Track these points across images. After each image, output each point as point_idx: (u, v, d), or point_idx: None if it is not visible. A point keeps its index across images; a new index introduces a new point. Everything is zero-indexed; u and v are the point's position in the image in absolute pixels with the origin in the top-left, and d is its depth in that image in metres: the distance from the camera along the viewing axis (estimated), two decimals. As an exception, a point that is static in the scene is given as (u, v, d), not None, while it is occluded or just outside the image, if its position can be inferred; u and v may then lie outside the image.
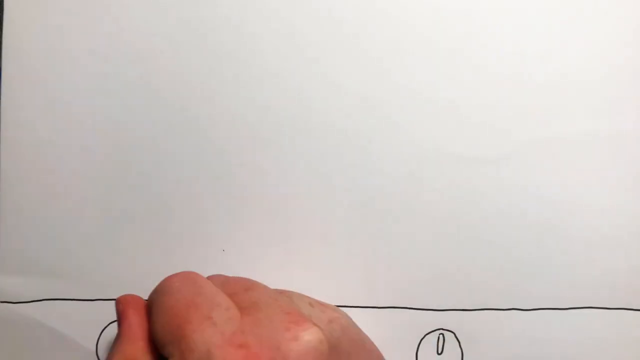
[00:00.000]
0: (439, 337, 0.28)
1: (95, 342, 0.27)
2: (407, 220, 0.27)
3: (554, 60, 0.27)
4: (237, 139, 0.27)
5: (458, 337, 0.28)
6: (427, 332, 0.28)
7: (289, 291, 0.24)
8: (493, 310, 0.28)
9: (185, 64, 0.27)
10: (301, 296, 0.23)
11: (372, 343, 0.25)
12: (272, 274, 0.27)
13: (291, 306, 0.21)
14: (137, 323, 0.21)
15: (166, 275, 0.22)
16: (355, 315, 0.27)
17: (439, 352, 0.27)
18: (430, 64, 0.27)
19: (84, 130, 0.27)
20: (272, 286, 0.22)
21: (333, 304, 0.27)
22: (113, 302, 0.27)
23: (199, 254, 0.27)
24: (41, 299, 0.27)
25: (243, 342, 0.19)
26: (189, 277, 0.21)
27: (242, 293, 0.21)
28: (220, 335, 0.19)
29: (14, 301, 0.27)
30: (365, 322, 0.28)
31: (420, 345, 0.27)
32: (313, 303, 0.23)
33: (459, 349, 0.28)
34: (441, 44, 0.27)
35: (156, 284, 0.22)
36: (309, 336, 0.19)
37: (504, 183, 0.27)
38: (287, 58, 0.27)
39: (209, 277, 0.23)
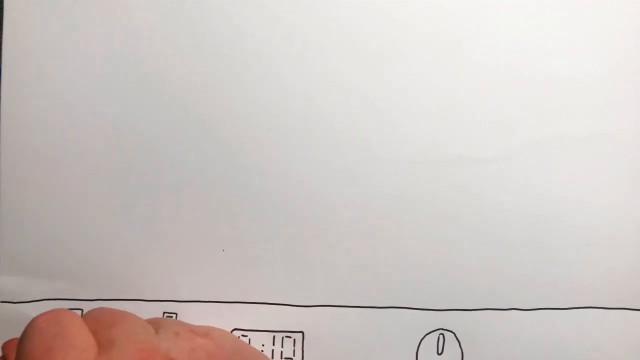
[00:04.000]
0: (439, 337, 0.28)
1: (95, 342, 0.27)
2: (407, 220, 0.27)
3: (554, 59, 0.27)
4: (237, 139, 0.27)
5: (458, 337, 0.28)
6: (427, 332, 0.28)
7: (163, 320, 0.23)
8: (493, 310, 0.28)
9: (186, 64, 0.27)
10: (171, 325, 0.23)
11: (253, 355, 0.24)
12: (272, 274, 0.27)
13: (148, 341, 0.20)
14: None
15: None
16: (355, 315, 0.27)
17: (439, 352, 0.27)
18: (431, 63, 0.27)
19: (84, 130, 0.27)
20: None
21: (333, 303, 0.28)
22: (113, 302, 0.27)
23: (199, 254, 0.27)
24: (41, 299, 0.27)
25: None
26: (54, 317, 0.20)
27: (105, 330, 0.21)
28: None
29: (14, 301, 0.27)
30: (365, 322, 0.28)
31: (420, 345, 0.27)
32: (181, 332, 0.22)
33: (459, 349, 0.28)
34: (441, 43, 0.27)
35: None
36: None
37: (504, 183, 0.27)
38: (287, 58, 0.27)
39: (90, 311, 0.22)
